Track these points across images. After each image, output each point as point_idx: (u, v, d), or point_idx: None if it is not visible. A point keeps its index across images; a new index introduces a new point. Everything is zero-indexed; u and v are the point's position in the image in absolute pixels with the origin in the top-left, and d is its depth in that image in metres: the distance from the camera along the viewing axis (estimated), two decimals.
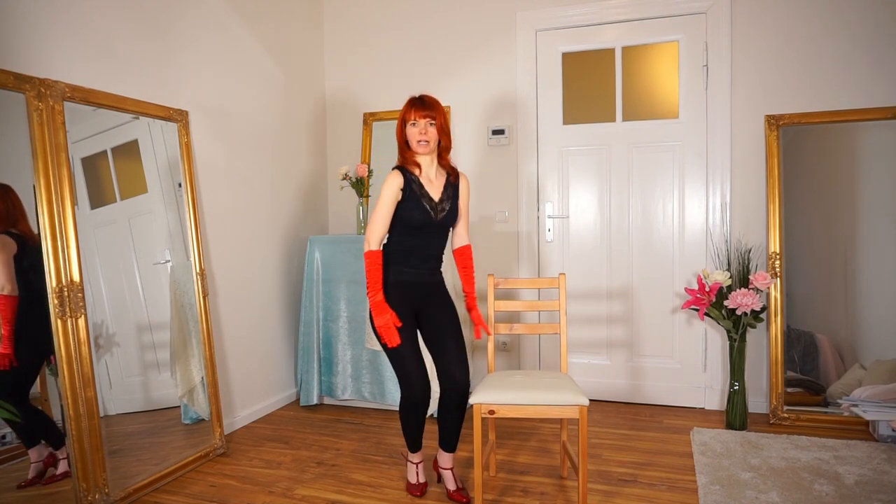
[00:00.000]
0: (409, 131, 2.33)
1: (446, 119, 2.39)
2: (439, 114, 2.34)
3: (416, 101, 2.35)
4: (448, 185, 2.40)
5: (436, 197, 2.36)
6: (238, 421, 3.26)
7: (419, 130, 2.31)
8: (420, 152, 2.33)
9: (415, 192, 2.33)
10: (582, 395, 2.16)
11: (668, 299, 3.48)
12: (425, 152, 2.34)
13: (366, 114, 4.03)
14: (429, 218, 2.33)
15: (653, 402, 3.52)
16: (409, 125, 2.33)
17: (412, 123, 2.32)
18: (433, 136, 2.33)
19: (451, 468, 2.43)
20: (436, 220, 2.35)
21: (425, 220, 2.33)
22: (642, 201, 3.51)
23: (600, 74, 3.58)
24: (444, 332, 2.37)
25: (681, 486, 2.46)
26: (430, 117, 2.32)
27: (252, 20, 3.41)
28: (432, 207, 2.34)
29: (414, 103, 2.34)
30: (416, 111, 2.31)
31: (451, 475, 2.42)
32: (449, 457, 2.43)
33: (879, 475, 2.47)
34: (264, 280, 3.50)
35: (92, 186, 2.46)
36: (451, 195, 2.40)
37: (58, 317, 2.18)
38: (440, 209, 2.36)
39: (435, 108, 2.33)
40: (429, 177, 2.38)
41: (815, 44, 3.18)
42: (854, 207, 3.14)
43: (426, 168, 2.38)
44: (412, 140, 2.33)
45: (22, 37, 2.21)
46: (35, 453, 2.20)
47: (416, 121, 2.31)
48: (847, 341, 3.16)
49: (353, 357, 3.50)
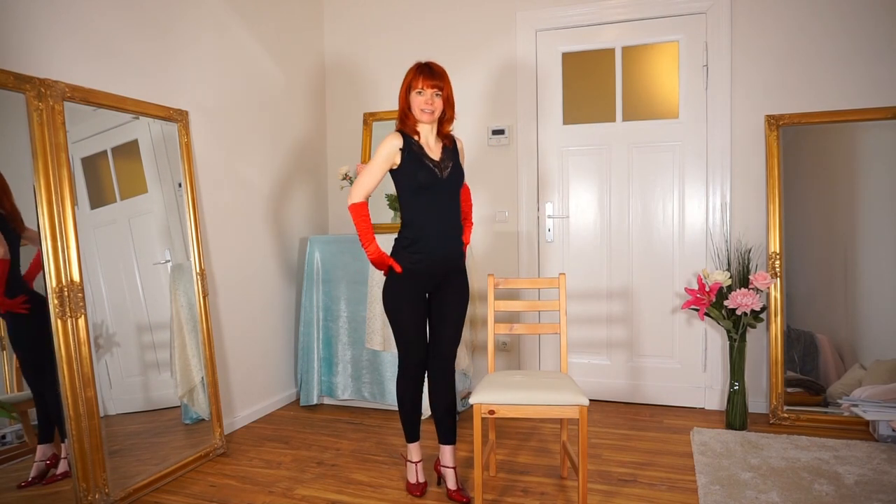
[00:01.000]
0: (414, 99, 2.28)
1: (452, 90, 2.34)
2: (446, 84, 2.29)
3: (424, 68, 2.28)
4: (446, 148, 2.37)
5: (435, 157, 2.32)
6: (238, 421, 3.26)
7: (425, 100, 2.26)
8: (423, 121, 2.30)
9: (415, 153, 2.28)
10: (582, 395, 2.16)
11: (668, 299, 3.48)
12: (428, 121, 2.30)
13: (366, 114, 4.03)
14: (434, 176, 2.27)
15: (653, 402, 3.52)
16: (415, 93, 2.27)
17: (418, 92, 2.27)
18: (438, 106, 2.28)
19: (453, 467, 2.41)
20: (442, 177, 2.29)
21: (431, 178, 2.27)
22: (642, 201, 3.51)
23: (600, 74, 3.58)
24: (447, 317, 2.38)
25: (681, 486, 2.46)
26: (438, 87, 2.27)
27: (252, 20, 3.41)
28: (436, 165, 2.29)
29: (422, 70, 2.28)
30: (424, 80, 2.26)
31: (452, 474, 2.40)
32: (449, 452, 2.41)
33: (879, 475, 2.47)
34: (264, 280, 3.50)
35: (92, 186, 2.46)
36: (452, 157, 2.36)
37: (58, 317, 2.18)
38: (444, 167, 2.31)
39: (443, 77, 2.29)
40: (428, 143, 2.34)
41: (815, 44, 3.18)
42: (854, 207, 3.14)
43: (425, 135, 2.34)
44: (416, 108, 2.28)
45: (22, 37, 2.21)
46: (42, 451, 2.20)
47: (423, 90, 2.26)
48: (847, 341, 3.16)
49: (353, 357, 3.50)
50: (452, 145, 2.41)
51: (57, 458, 2.23)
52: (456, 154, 2.39)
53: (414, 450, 2.50)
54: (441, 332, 2.40)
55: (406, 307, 2.36)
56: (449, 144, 2.39)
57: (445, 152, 2.36)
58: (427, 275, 2.34)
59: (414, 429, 2.49)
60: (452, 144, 2.41)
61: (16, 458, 2.17)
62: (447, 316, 2.39)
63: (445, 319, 2.39)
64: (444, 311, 2.39)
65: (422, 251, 2.30)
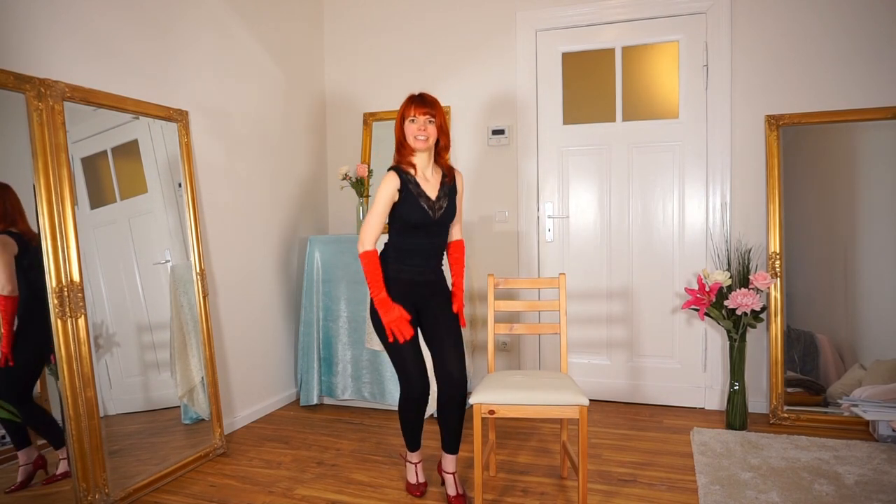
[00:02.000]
0: (408, 128, 2.33)
1: (445, 119, 2.39)
2: (438, 112, 2.34)
3: (416, 98, 2.35)
4: (444, 184, 2.40)
5: (433, 195, 2.36)
6: (238, 421, 3.26)
7: (418, 127, 2.30)
8: (418, 148, 2.32)
9: (412, 193, 2.32)
10: (582, 395, 2.16)
11: (668, 299, 3.48)
12: (423, 148, 2.33)
13: (366, 114, 4.03)
14: (427, 217, 2.33)
15: (653, 402, 3.52)
16: (408, 121, 2.32)
17: (411, 120, 2.32)
18: (432, 133, 2.32)
19: (453, 472, 2.40)
20: (433, 218, 2.34)
21: (424, 219, 2.33)
22: (642, 201, 3.51)
23: (600, 74, 3.58)
24: (442, 331, 2.37)
25: (681, 486, 2.46)
26: (430, 114, 2.31)
27: (252, 20, 3.41)
28: (430, 206, 2.34)
29: (413, 100, 2.34)
30: (416, 108, 2.31)
31: (452, 480, 2.39)
32: (451, 460, 2.40)
33: (879, 475, 2.47)
34: (264, 280, 3.50)
35: (92, 186, 2.46)
36: (448, 193, 2.40)
37: (58, 317, 2.18)
38: (438, 207, 2.35)
39: (434, 105, 2.34)
40: (425, 175, 2.37)
41: (814, 44, 3.18)
42: (854, 207, 3.14)
43: (422, 167, 2.37)
44: (410, 136, 2.32)
45: (22, 37, 2.21)
46: (24, 455, 2.17)
47: (416, 117, 2.31)
48: (847, 341, 3.16)
49: (353, 357, 3.51)
50: (452, 181, 2.42)
51: (43, 460, 2.21)
52: (453, 191, 2.42)
53: (414, 455, 2.50)
54: (441, 350, 2.34)
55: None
56: (448, 180, 2.41)
57: (443, 189, 2.38)
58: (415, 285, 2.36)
59: (415, 440, 2.47)
60: (452, 180, 2.43)
61: (14, 459, 2.17)
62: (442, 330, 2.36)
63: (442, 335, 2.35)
64: (438, 327, 2.37)
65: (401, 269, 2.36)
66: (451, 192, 2.42)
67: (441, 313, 2.40)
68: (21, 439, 2.18)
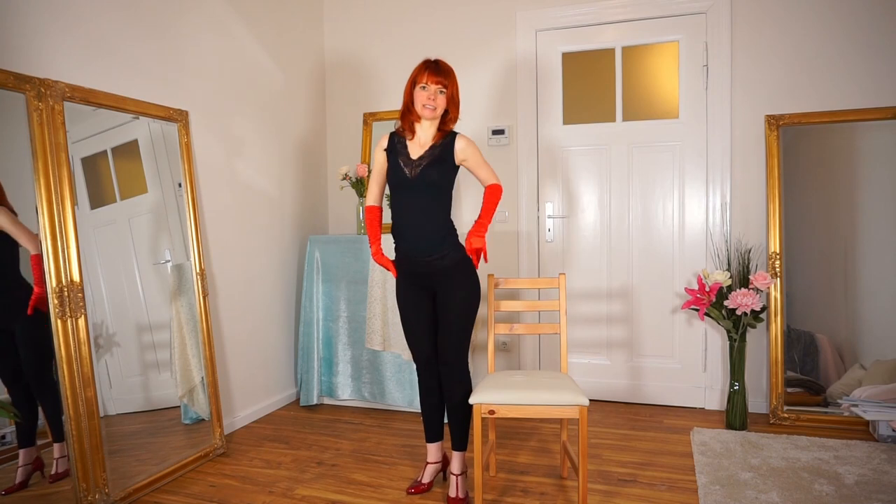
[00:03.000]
0: (417, 94, 2.26)
1: (457, 89, 2.32)
2: (452, 82, 2.27)
3: (431, 64, 2.27)
4: (436, 146, 2.29)
5: (414, 155, 2.29)
6: (238, 421, 3.26)
7: (428, 95, 2.24)
8: (424, 117, 2.27)
9: (395, 152, 2.30)
10: (582, 395, 2.16)
11: (668, 299, 3.48)
12: (429, 118, 2.27)
13: (366, 114, 4.03)
14: (402, 175, 2.26)
15: (653, 402, 3.52)
16: (419, 87, 2.25)
17: (422, 86, 2.25)
18: (441, 104, 2.26)
19: (458, 474, 2.37)
20: (409, 176, 2.25)
21: (400, 178, 2.27)
22: (642, 201, 3.51)
23: (600, 74, 3.58)
24: (445, 320, 2.34)
25: (681, 486, 2.46)
26: (443, 84, 2.25)
27: (252, 20, 3.41)
28: (406, 164, 2.27)
29: (428, 66, 2.26)
30: (430, 75, 2.24)
31: (455, 482, 2.36)
32: (457, 458, 2.39)
33: (879, 475, 2.47)
34: (264, 280, 3.50)
35: (92, 186, 2.46)
36: (437, 154, 2.27)
37: (58, 317, 2.18)
38: (416, 165, 2.26)
39: (449, 75, 2.27)
40: (419, 140, 2.31)
41: (814, 44, 3.18)
42: (854, 207, 3.14)
43: (422, 132, 2.31)
44: (418, 102, 2.26)
45: (22, 37, 2.21)
46: (26, 455, 2.17)
47: (427, 84, 2.24)
48: (847, 341, 3.16)
49: (353, 357, 3.50)
50: (445, 143, 2.30)
51: (41, 462, 2.21)
52: (445, 152, 2.29)
53: (430, 449, 2.50)
54: (441, 337, 2.36)
55: (404, 303, 2.41)
56: (438, 141, 2.30)
57: (431, 150, 2.29)
58: (416, 272, 2.34)
59: (429, 428, 2.49)
60: (445, 141, 2.30)
61: (16, 458, 2.17)
62: (444, 319, 2.35)
63: (443, 323, 2.36)
64: (442, 315, 2.36)
65: (401, 247, 2.35)
66: (442, 153, 2.28)
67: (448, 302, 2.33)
68: (27, 439, 2.19)
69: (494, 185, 2.39)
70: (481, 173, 2.38)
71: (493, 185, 2.39)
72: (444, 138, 2.31)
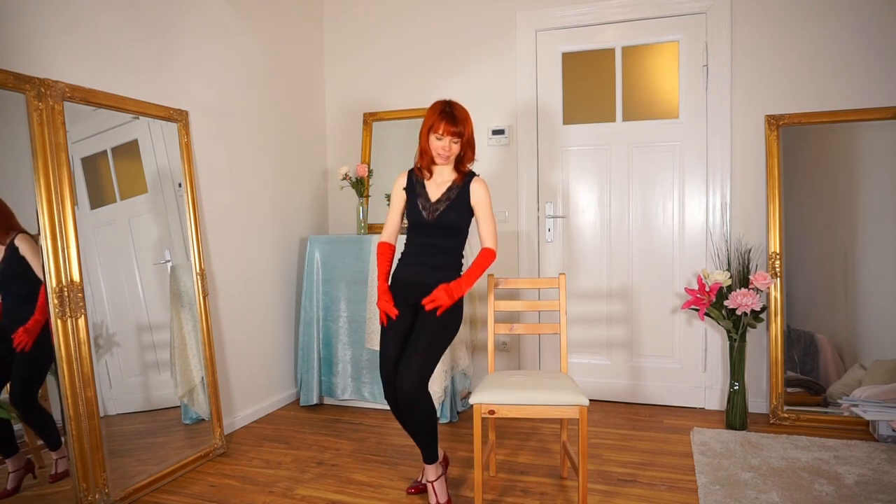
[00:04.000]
0: (433, 142, 2.31)
1: (472, 132, 2.35)
2: (467, 129, 2.31)
3: (447, 115, 2.28)
4: (453, 187, 2.36)
5: (433, 197, 2.36)
6: (238, 421, 3.26)
7: (443, 146, 2.30)
8: (439, 163, 2.36)
9: (414, 192, 2.39)
10: (582, 395, 2.16)
11: (668, 299, 3.48)
12: (444, 164, 2.36)
13: (366, 114, 4.03)
14: (421, 217, 2.34)
15: (653, 402, 3.52)
16: (434, 137, 2.30)
17: (437, 137, 2.29)
18: (455, 151, 2.33)
19: (432, 481, 2.28)
20: (427, 219, 2.33)
21: (418, 219, 2.35)
22: (642, 201, 3.51)
23: (600, 74, 3.58)
24: (417, 335, 2.28)
25: (681, 486, 2.46)
26: (458, 135, 2.29)
27: (252, 20, 3.41)
28: (425, 207, 2.34)
29: (444, 117, 2.28)
30: (446, 126, 2.27)
31: (431, 489, 2.28)
32: (429, 470, 2.29)
33: (879, 475, 2.47)
34: (264, 280, 3.50)
35: (92, 186, 2.46)
36: (454, 197, 2.34)
37: (58, 317, 2.18)
38: (433, 209, 2.33)
39: (465, 123, 2.30)
40: (436, 180, 2.38)
41: (814, 44, 3.18)
42: (854, 207, 3.14)
43: (438, 172, 2.39)
44: (433, 150, 2.32)
45: (22, 37, 2.21)
46: (14, 462, 2.15)
47: (443, 136, 2.29)
48: (847, 341, 3.16)
49: (353, 357, 3.51)
50: (462, 185, 2.35)
51: (31, 465, 2.19)
52: (461, 195, 2.33)
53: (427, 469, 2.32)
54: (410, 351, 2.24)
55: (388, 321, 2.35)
56: (457, 183, 2.35)
57: (448, 192, 2.34)
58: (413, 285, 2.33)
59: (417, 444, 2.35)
60: (463, 184, 2.35)
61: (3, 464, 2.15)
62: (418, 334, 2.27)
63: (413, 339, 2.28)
64: (418, 330, 2.29)
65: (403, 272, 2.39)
66: (459, 196, 2.34)
67: (425, 320, 2.28)
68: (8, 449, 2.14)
69: (490, 249, 2.36)
70: (484, 228, 2.38)
71: (489, 249, 2.36)
72: (462, 179, 2.38)
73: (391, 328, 2.34)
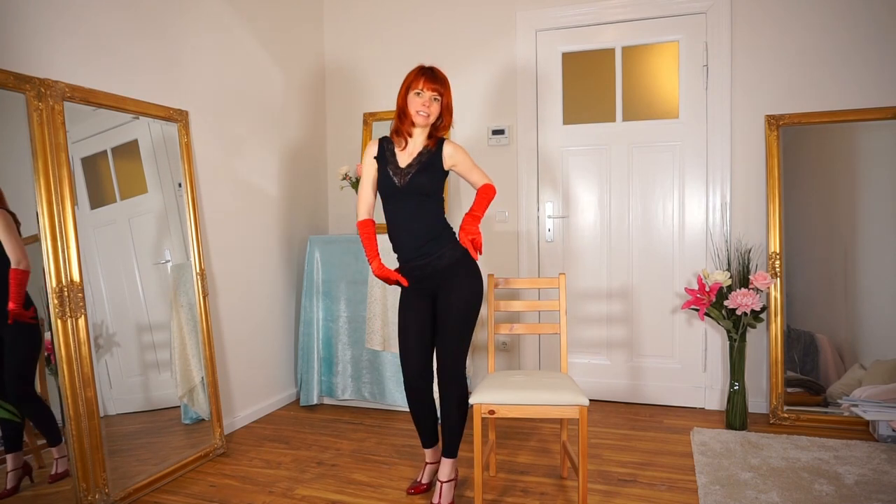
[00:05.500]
0: (412, 100, 2.23)
1: (452, 97, 2.31)
2: (447, 90, 2.26)
3: (426, 70, 2.25)
4: (424, 152, 2.27)
5: (403, 163, 2.27)
6: (238, 421, 3.26)
7: (422, 101, 2.22)
8: (417, 123, 2.25)
9: (385, 161, 2.28)
10: (582, 395, 2.16)
11: (668, 299, 3.48)
12: (422, 124, 2.26)
13: (366, 114, 4.03)
14: (391, 183, 2.25)
15: (653, 402, 3.52)
16: (413, 93, 2.23)
17: (417, 93, 2.22)
18: (434, 111, 2.25)
19: (445, 481, 2.30)
20: (398, 185, 2.23)
21: (389, 186, 2.26)
22: (642, 201, 3.51)
23: (600, 74, 3.58)
24: (443, 322, 2.28)
25: (681, 486, 2.46)
26: (438, 91, 2.23)
27: (252, 20, 3.41)
28: (395, 172, 2.25)
29: (423, 72, 2.24)
30: (426, 81, 2.22)
31: (439, 488, 2.29)
32: (446, 465, 2.32)
33: (879, 475, 2.47)
34: (264, 280, 3.50)
35: (92, 186, 2.46)
36: (425, 161, 2.25)
37: (58, 317, 2.18)
38: (405, 173, 2.24)
39: (444, 83, 2.25)
40: (409, 149, 2.29)
41: (815, 44, 3.18)
42: (854, 207, 3.14)
43: (415, 138, 2.29)
44: (412, 108, 2.23)
45: (22, 37, 2.21)
46: (14, 460, 2.15)
47: (422, 91, 2.22)
48: (847, 341, 3.16)
49: (353, 357, 3.51)
50: (434, 150, 2.28)
51: (29, 467, 2.19)
52: (433, 159, 2.27)
53: (428, 452, 2.47)
54: (439, 342, 2.31)
55: (403, 311, 2.36)
56: (429, 148, 2.28)
57: (419, 157, 2.26)
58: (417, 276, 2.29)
59: (424, 434, 2.44)
60: (435, 147, 2.28)
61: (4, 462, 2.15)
62: (443, 322, 2.28)
63: (442, 326, 2.29)
64: (441, 317, 2.29)
65: (400, 256, 2.32)
66: (431, 160, 2.26)
67: (447, 304, 2.28)
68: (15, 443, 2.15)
69: (487, 184, 2.35)
70: (472, 176, 2.35)
71: (486, 184, 2.35)
72: (434, 144, 2.30)
73: (413, 323, 2.32)
